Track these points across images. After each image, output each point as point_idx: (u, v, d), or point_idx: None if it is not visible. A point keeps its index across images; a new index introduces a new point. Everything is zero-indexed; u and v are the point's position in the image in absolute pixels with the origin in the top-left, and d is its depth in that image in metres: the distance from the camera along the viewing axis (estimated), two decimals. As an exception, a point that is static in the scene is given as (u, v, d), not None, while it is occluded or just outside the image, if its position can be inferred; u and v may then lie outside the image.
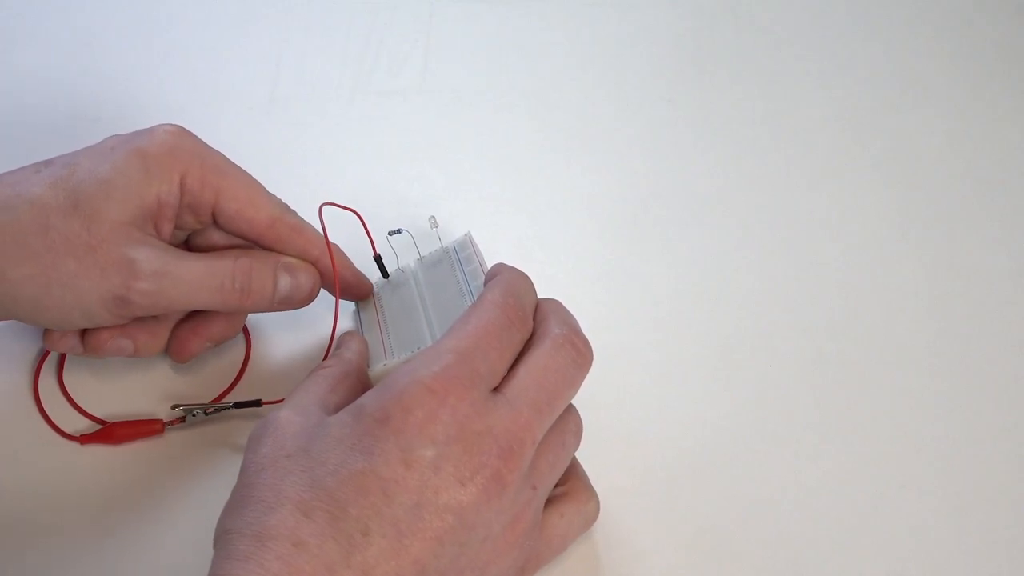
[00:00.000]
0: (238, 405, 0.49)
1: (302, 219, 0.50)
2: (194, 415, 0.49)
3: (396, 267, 0.53)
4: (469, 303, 0.46)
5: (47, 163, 0.47)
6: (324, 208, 0.49)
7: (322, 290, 0.51)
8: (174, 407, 0.49)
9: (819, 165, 0.62)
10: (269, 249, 0.50)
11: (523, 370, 0.41)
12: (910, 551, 0.47)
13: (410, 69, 0.67)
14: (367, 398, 0.40)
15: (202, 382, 0.51)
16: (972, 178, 0.61)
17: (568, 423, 0.43)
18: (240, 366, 0.52)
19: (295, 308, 0.50)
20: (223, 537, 0.37)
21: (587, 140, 0.63)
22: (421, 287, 0.51)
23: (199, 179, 0.48)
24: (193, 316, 0.51)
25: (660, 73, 0.67)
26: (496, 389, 0.41)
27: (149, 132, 0.48)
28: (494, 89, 0.66)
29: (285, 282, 0.49)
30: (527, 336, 0.43)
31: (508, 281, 0.44)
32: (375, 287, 0.53)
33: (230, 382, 0.51)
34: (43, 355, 0.52)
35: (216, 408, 0.49)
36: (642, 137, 0.63)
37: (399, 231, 0.52)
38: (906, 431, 0.51)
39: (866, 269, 0.57)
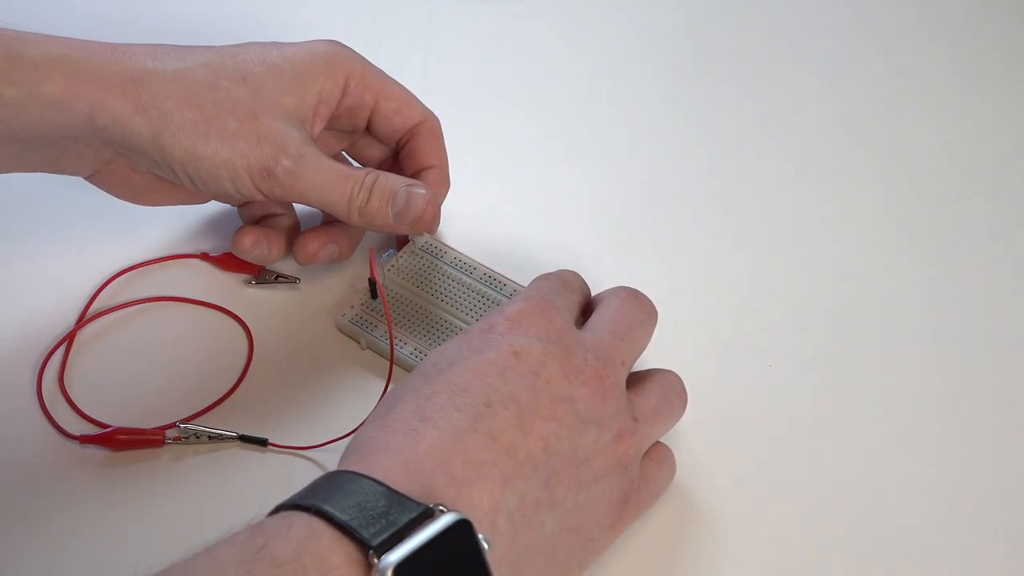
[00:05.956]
0: (243, 438, 0.49)
1: (440, 127, 0.54)
2: (197, 437, 0.48)
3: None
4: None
5: (211, 47, 0.49)
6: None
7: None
8: (179, 425, 0.49)
9: (819, 165, 0.62)
10: (407, 151, 0.53)
11: (595, 316, 0.45)
12: (910, 551, 0.47)
13: (410, 69, 0.66)
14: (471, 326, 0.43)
15: (204, 387, 0.51)
16: (972, 178, 0.61)
17: (672, 384, 0.46)
18: (241, 370, 0.52)
19: (410, 232, 0.52)
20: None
21: (587, 140, 0.63)
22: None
23: (361, 82, 0.51)
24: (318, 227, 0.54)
25: (660, 73, 0.67)
26: None
27: (314, 41, 0.51)
28: (494, 89, 0.66)
29: (400, 202, 0.50)
30: (583, 300, 0.47)
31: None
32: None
33: (230, 386, 0.51)
34: (47, 355, 0.51)
35: (219, 435, 0.49)
36: (642, 137, 0.63)
37: (391, 253, 0.54)
38: (906, 431, 0.51)
39: (866, 269, 0.57)
